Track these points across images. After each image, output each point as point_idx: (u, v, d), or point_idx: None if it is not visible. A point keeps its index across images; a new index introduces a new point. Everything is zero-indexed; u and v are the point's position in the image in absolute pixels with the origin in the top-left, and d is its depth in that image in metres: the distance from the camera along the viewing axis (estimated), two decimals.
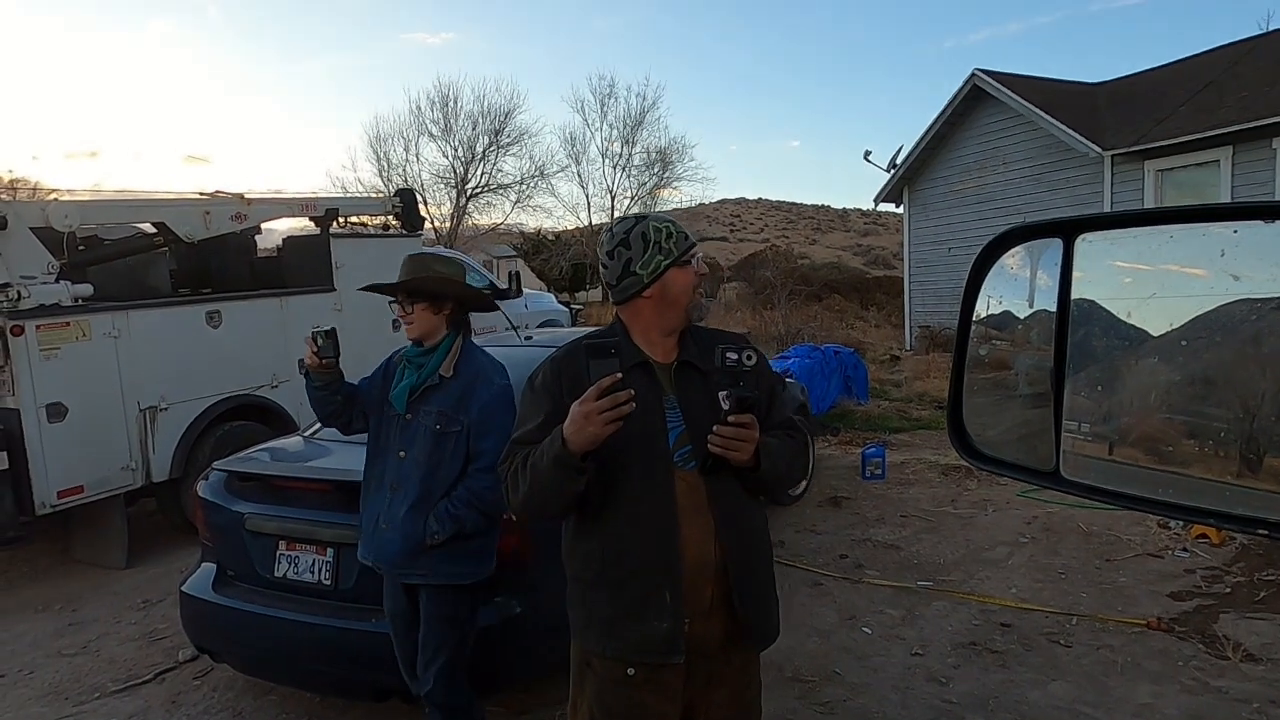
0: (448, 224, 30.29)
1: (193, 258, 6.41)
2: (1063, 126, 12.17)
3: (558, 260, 31.84)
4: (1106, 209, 10.98)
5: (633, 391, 1.64)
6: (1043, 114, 12.52)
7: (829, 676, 3.64)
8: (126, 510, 5.50)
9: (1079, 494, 0.99)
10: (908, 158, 15.32)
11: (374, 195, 9.46)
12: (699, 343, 1.89)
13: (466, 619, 2.72)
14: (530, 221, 34.14)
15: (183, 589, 3.48)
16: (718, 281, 31.74)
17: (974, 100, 14.15)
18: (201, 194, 6.38)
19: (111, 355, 5.29)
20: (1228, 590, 4.37)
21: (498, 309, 3.11)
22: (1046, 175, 12.85)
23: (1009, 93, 13.27)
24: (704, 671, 1.84)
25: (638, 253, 1.85)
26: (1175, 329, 0.89)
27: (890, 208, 16.91)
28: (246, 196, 6.44)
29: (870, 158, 16.06)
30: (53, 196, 6.92)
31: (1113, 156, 11.60)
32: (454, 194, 30.96)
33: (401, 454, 2.66)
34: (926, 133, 14.92)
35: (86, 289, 5.31)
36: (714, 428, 1.67)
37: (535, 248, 33.63)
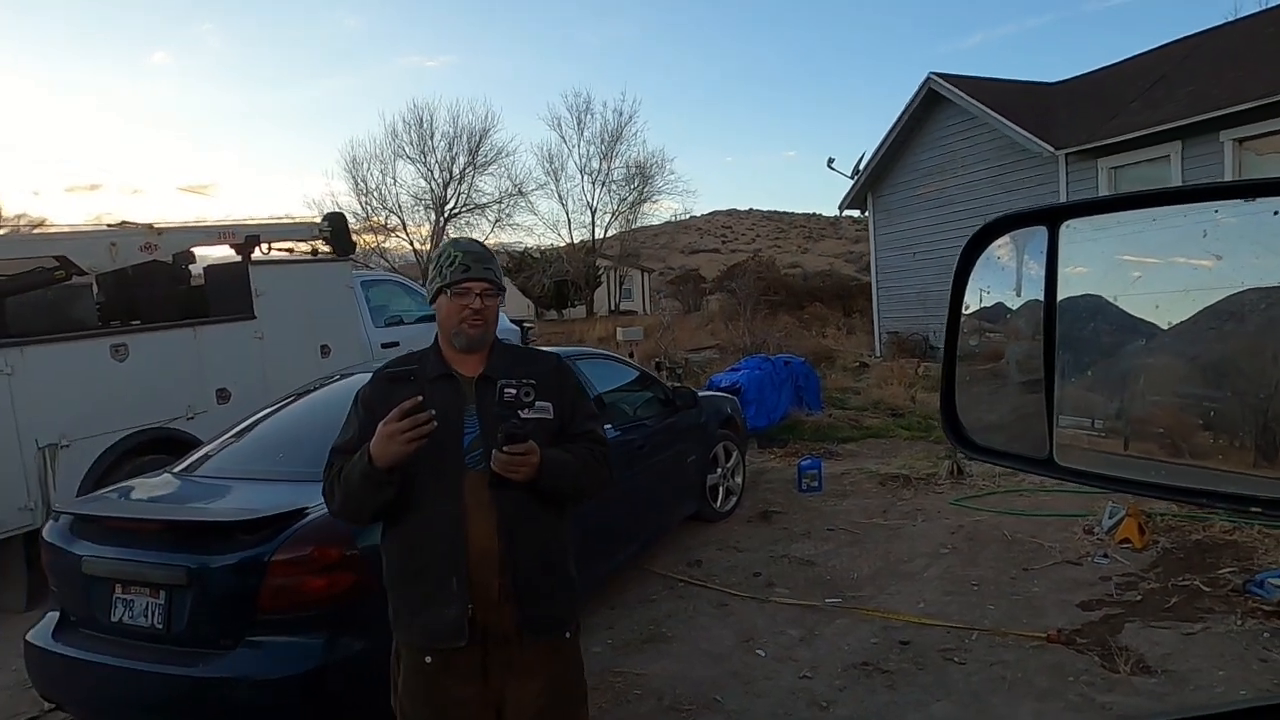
0: (427, 245, 30.25)
1: (120, 290, 6.30)
2: (1015, 127, 12.11)
3: (540, 278, 31.77)
4: None
5: (433, 412, 1.80)
6: (996, 115, 12.46)
7: (708, 704, 3.50)
8: (27, 552, 5.35)
9: (1072, 480, 1.00)
10: (868, 164, 15.25)
11: (300, 220, 9.34)
12: (504, 359, 2.07)
13: None
14: (513, 239, 34.12)
15: (26, 637, 3.34)
16: (700, 294, 31.71)
17: (931, 104, 14.11)
18: (109, 225, 6.28)
19: (5, 393, 5.17)
20: (1139, 598, 4.22)
21: None
22: (1003, 176, 12.76)
23: (963, 95, 13.21)
24: (501, 658, 1.94)
25: (431, 273, 2.05)
26: (1161, 311, 0.89)
27: (856, 214, 16.84)
28: (157, 226, 6.34)
29: (834, 165, 16.03)
30: None
31: (1066, 155, 11.53)
32: (433, 215, 30.97)
33: None
34: (886, 138, 14.87)
35: None
36: (494, 453, 1.84)
37: (518, 265, 33.63)
